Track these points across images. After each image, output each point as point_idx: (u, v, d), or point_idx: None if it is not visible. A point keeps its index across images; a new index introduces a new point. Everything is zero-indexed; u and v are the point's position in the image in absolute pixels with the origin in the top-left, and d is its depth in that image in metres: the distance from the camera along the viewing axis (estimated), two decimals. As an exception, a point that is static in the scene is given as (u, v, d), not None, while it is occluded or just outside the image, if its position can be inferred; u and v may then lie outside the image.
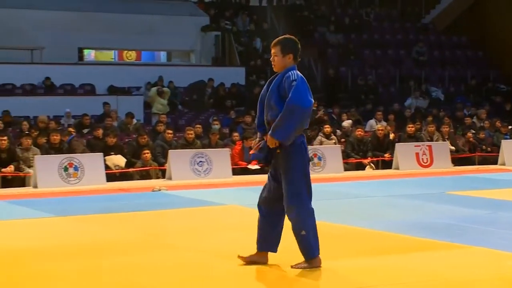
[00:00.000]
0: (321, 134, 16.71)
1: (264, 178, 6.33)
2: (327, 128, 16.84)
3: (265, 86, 6.24)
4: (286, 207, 5.98)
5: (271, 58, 6.25)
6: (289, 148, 5.96)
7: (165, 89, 20.24)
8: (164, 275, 6.01)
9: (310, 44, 25.27)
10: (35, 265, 6.46)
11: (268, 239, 6.16)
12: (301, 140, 6.04)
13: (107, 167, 14.24)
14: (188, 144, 15.34)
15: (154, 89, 20.15)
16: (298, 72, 6.09)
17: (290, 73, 6.05)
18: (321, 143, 16.40)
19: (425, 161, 16.38)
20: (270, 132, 5.93)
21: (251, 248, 6.22)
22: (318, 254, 6.05)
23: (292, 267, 6.04)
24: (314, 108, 19.14)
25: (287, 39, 6.19)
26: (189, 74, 22.20)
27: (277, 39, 6.25)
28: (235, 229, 8.17)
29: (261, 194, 6.21)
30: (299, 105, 5.89)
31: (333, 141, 16.67)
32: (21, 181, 13.80)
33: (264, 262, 6.19)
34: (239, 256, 6.23)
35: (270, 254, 6.22)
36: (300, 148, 6.00)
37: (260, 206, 6.19)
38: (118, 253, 6.97)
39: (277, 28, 26.16)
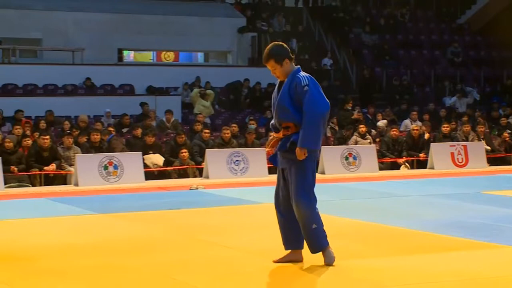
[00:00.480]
0: (356, 134, 16.78)
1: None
2: (362, 128, 16.89)
3: (275, 91, 6.24)
4: (296, 203, 6.01)
5: (272, 74, 6.20)
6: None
7: (209, 91, 20.35)
8: (200, 272, 6.12)
9: (345, 45, 25.39)
10: (76, 261, 6.61)
11: (292, 237, 6.21)
12: None
13: (145, 165, 14.43)
14: (225, 144, 15.52)
15: (196, 90, 20.30)
16: (306, 74, 6.07)
17: (299, 76, 6.04)
18: (356, 142, 16.47)
19: (460, 160, 16.34)
20: (298, 144, 5.93)
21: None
22: (328, 244, 6.10)
23: (325, 264, 6.10)
24: (349, 108, 19.27)
25: (273, 50, 6.15)
26: (226, 75, 22.41)
27: (264, 56, 6.17)
28: (271, 227, 8.23)
29: (276, 194, 6.26)
30: (317, 111, 5.94)
31: (368, 140, 16.74)
32: (62, 179, 14.06)
33: (299, 260, 6.23)
34: (274, 261, 6.26)
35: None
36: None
37: (279, 206, 6.23)
38: (156, 250, 7.11)
39: (312, 29, 26.31)
